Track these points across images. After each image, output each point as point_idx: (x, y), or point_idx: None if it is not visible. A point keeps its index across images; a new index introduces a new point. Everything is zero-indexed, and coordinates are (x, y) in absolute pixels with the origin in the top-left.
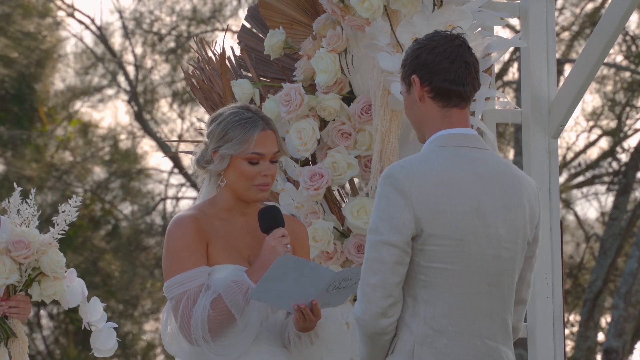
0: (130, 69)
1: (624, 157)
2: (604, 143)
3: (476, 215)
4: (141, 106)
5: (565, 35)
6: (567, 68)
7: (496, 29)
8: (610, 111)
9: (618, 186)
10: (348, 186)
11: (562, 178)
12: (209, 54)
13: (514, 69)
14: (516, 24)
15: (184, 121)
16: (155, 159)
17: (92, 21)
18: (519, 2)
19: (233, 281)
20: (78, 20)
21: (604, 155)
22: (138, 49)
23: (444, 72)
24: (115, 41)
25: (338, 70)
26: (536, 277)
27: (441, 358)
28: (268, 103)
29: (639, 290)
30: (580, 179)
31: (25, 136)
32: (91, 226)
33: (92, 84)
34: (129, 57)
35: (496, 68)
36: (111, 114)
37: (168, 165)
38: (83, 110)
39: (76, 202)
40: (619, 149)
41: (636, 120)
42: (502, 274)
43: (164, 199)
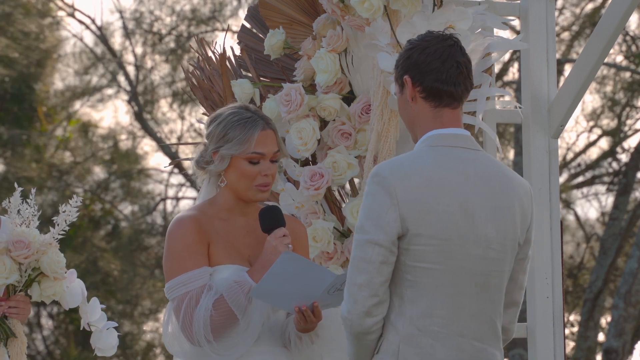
0: (130, 69)
1: (624, 157)
2: (604, 143)
3: (463, 215)
4: (141, 106)
5: (565, 35)
6: (567, 68)
7: (496, 29)
8: (610, 111)
9: (618, 186)
10: (348, 186)
11: (562, 178)
12: (209, 54)
13: (514, 69)
14: (516, 24)
15: (184, 121)
16: (155, 159)
17: (93, 21)
18: (519, 2)
19: (235, 281)
20: (78, 20)
21: (604, 155)
22: (138, 49)
23: (435, 72)
24: (115, 41)
25: (338, 70)
26: (536, 277)
27: (426, 358)
28: (268, 103)
29: (639, 290)
30: (580, 179)
31: (25, 136)
32: (91, 226)
33: (92, 84)
34: (129, 57)
35: (496, 68)
36: (112, 114)
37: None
38: (83, 110)
39: (76, 203)
40: (619, 149)
41: (636, 120)
42: (490, 275)
43: (164, 199)
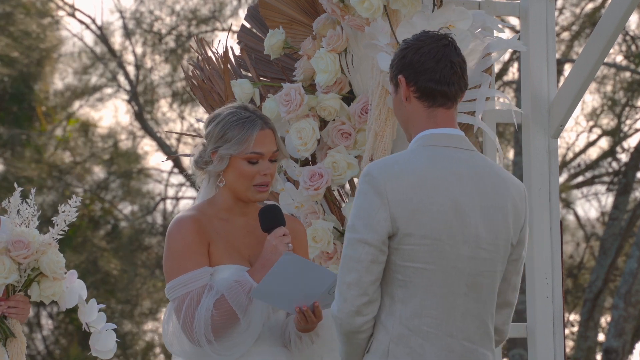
0: (130, 69)
1: (624, 157)
2: (604, 143)
3: (453, 215)
4: (141, 106)
5: (565, 35)
6: (567, 68)
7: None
8: (610, 111)
9: (618, 186)
10: (348, 186)
11: (562, 178)
12: (209, 54)
13: (514, 69)
14: (516, 24)
15: (184, 121)
16: (155, 159)
17: (93, 21)
18: (519, 2)
19: (235, 281)
20: (79, 20)
21: (604, 155)
22: (138, 49)
23: (429, 72)
24: (115, 41)
25: (338, 70)
26: (536, 277)
27: (416, 358)
28: (268, 103)
29: (639, 290)
30: (580, 179)
31: (24, 136)
32: (91, 226)
33: (92, 84)
34: (129, 57)
35: (496, 68)
36: (112, 114)
37: (168, 165)
38: (83, 110)
39: (76, 203)
40: (619, 149)
41: (636, 120)
42: (481, 275)
43: (164, 199)
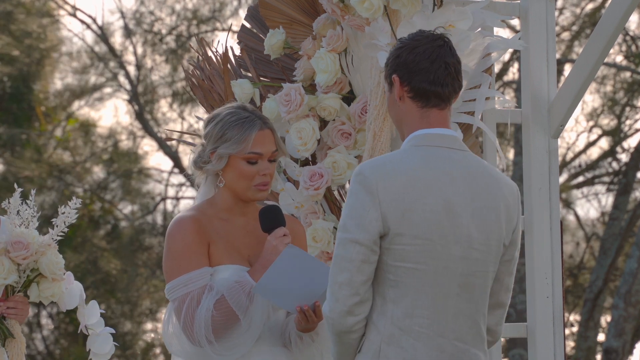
0: (130, 69)
1: (624, 157)
2: (604, 143)
3: (445, 215)
4: (142, 106)
5: (565, 35)
6: (567, 68)
7: (496, 29)
8: (610, 111)
9: (618, 186)
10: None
11: (562, 178)
12: (209, 54)
13: (514, 69)
14: (516, 24)
15: (184, 121)
16: (155, 159)
17: (94, 21)
18: (519, 2)
19: (236, 281)
20: (80, 20)
21: (604, 155)
22: (138, 49)
23: (423, 73)
24: (115, 41)
25: (338, 70)
26: (536, 277)
27: (407, 358)
28: (268, 103)
29: (639, 290)
30: (580, 179)
31: (24, 136)
32: (91, 226)
33: (93, 84)
34: (129, 57)
35: (496, 68)
36: (112, 114)
37: (168, 164)
38: (83, 110)
39: (75, 204)
40: (619, 149)
41: (636, 120)
42: (473, 276)
43: (164, 199)
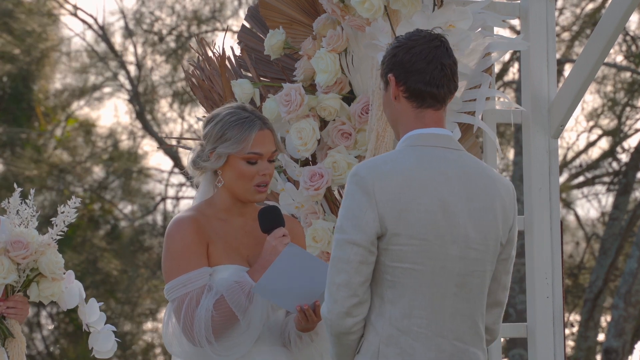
0: (131, 69)
1: (624, 157)
2: (604, 143)
3: (442, 215)
4: (142, 106)
5: (565, 35)
6: (567, 68)
7: (496, 29)
8: (610, 111)
9: (618, 186)
10: None
11: (562, 178)
12: (209, 54)
13: (514, 69)
14: (516, 24)
15: (184, 121)
16: (155, 159)
17: (95, 20)
18: (519, 2)
19: (235, 282)
20: (81, 19)
21: (604, 155)
22: (138, 49)
23: (419, 73)
24: (115, 41)
25: (338, 70)
26: (536, 277)
27: (406, 358)
28: (268, 103)
29: (639, 290)
30: (580, 179)
31: (24, 135)
32: (91, 226)
33: (93, 84)
34: (130, 57)
35: (496, 68)
36: (112, 114)
37: (168, 164)
38: (82, 109)
39: (75, 204)
40: (619, 149)
41: (636, 120)
42: (470, 275)
43: (164, 199)
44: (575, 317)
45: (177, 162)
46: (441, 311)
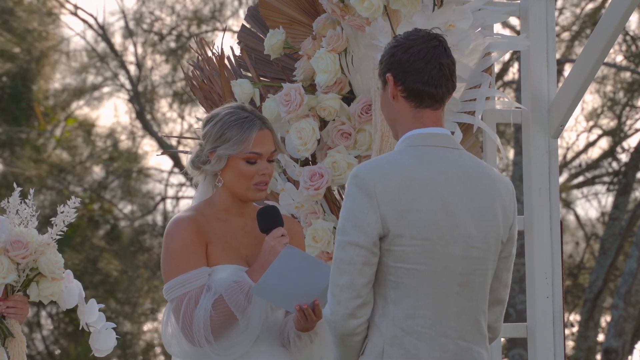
0: (131, 68)
1: (624, 157)
2: (604, 143)
3: (443, 215)
4: (142, 105)
5: (565, 35)
6: (567, 68)
7: (496, 29)
8: (610, 111)
9: (618, 186)
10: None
11: (562, 178)
12: (209, 54)
13: (514, 69)
14: (516, 24)
15: (184, 121)
16: (155, 159)
17: (95, 20)
18: (519, 2)
19: (234, 281)
20: (82, 19)
21: (604, 155)
22: (138, 49)
23: (418, 73)
24: (115, 41)
25: (338, 70)
26: (536, 277)
27: (410, 358)
28: (268, 103)
29: (639, 290)
30: (580, 179)
31: (24, 135)
32: (91, 226)
33: (93, 83)
34: (130, 57)
35: (496, 68)
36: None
37: (168, 164)
38: (82, 109)
39: (75, 203)
40: (619, 149)
41: (636, 120)
42: (472, 274)
43: (164, 199)
44: (575, 317)
45: (177, 162)
46: (445, 311)
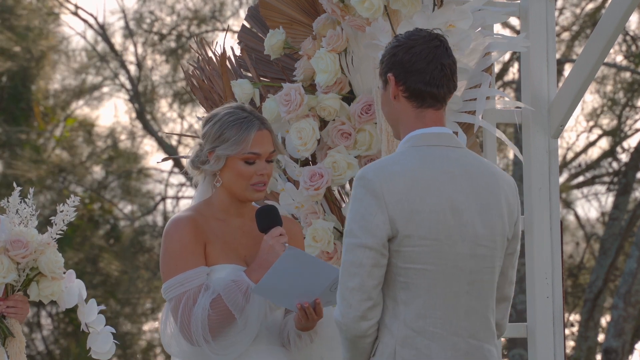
0: (131, 68)
1: (624, 157)
2: (604, 143)
3: (451, 214)
4: (142, 106)
5: (565, 35)
6: (567, 68)
7: (496, 29)
8: (610, 111)
9: (618, 186)
10: (348, 186)
11: (562, 178)
12: (209, 54)
13: (514, 69)
14: (516, 24)
15: (184, 121)
16: (155, 159)
17: (95, 20)
18: (519, 2)
19: (232, 281)
20: (82, 18)
21: (604, 155)
22: (138, 49)
23: (419, 73)
24: (115, 41)
25: (338, 70)
26: (536, 277)
27: (423, 359)
28: (268, 103)
29: (639, 290)
30: (580, 179)
31: (24, 136)
32: (90, 226)
33: (93, 83)
34: (130, 57)
35: (496, 68)
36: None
37: (168, 164)
38: (81, 109)
39: (74, 202)
40: (619, 149)
41: (636, 120)
42: (481, 273)
43: (164, 199)
44: (575, 317)
45: (177, 163)
46: (455, 310)
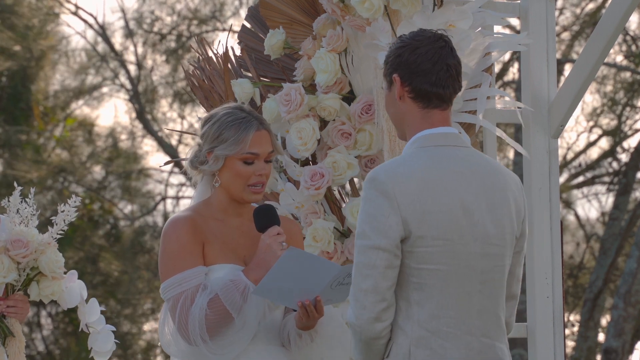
0: (131, 68)
1: (624, 157)
2: (604, 143)
3: (462, 214)
4: (142, 105)
5: (565, 35)
6: (567, 68)
7: (496, 29)
8: (610, 111)
9: (618, 186)
10: (348, 186)
11: (562, 178)
12: (210, 54)
13: (514, 69)
14: (516, 24)
15: (184, 121)
16: (155, 159)
17: (95, 20)
18: (519, 2)
19: (230, 280)
20: (82, 18)
21: (604, 155)
22: (139, 49)
23: (425, 74)
24: (115, 41)
25: (338, 70)
26: (536, 277)
27: (437, 358)
28: (268, 103)
29: (639, 290)
30: (580, 179)
31: (24, 135)
32: (90, 226)
33: (93, 83)
34: (130, 57)
35: (496, 68)
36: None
37: (168, 165)
38: (81, 109)
39: (75, 202)
40: (619, 149)
41: (636, 120)
42: (492, 271)
43: (164, 199)
44: (575, 317)
45: (177, 163)
46: (468, 309)
